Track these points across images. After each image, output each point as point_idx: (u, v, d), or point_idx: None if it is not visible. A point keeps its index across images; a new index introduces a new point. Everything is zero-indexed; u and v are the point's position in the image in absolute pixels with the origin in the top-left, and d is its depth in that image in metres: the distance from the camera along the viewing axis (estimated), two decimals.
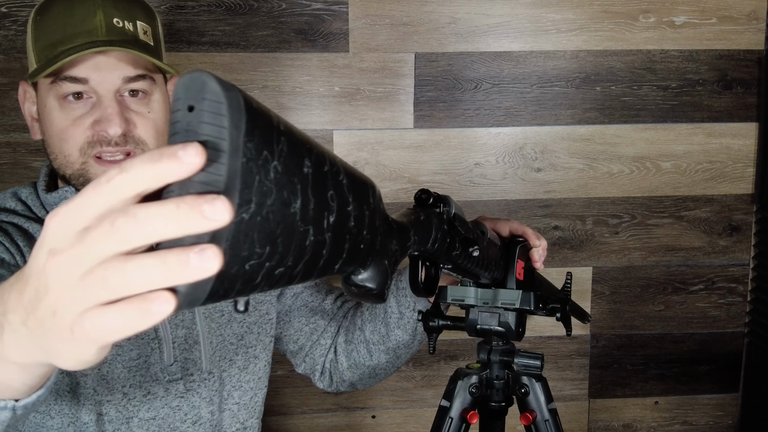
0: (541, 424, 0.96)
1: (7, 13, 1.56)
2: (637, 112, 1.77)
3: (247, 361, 1.14)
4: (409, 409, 1.83)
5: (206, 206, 0.37)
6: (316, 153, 0.47)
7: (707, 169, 1.81)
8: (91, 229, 0.39)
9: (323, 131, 1.69)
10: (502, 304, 0.92)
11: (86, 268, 0.39)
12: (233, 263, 0.42)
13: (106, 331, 0.39)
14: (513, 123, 1.74)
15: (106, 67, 0.95)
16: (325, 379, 1.22)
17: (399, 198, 1.73)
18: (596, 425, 1.90)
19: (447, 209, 0.75)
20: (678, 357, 1.89)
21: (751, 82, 1.78)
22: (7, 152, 1.61)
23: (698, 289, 1.86)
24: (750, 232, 1.85)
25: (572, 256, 1.81)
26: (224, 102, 0.41)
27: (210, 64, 1.63)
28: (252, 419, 1.17)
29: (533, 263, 0.97)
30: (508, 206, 1.77)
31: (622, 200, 1.80)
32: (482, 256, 0.83)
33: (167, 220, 0.38)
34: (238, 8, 1.62)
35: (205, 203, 0.38)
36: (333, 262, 0.51)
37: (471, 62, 1.71)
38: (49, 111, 0.98)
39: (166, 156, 0.38)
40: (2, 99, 1.59)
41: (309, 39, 1.65)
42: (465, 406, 0.97)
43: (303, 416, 1.79)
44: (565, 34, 1.72)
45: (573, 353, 1.86)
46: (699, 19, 1.74)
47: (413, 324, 1.07)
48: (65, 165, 0.99)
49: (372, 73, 1.68)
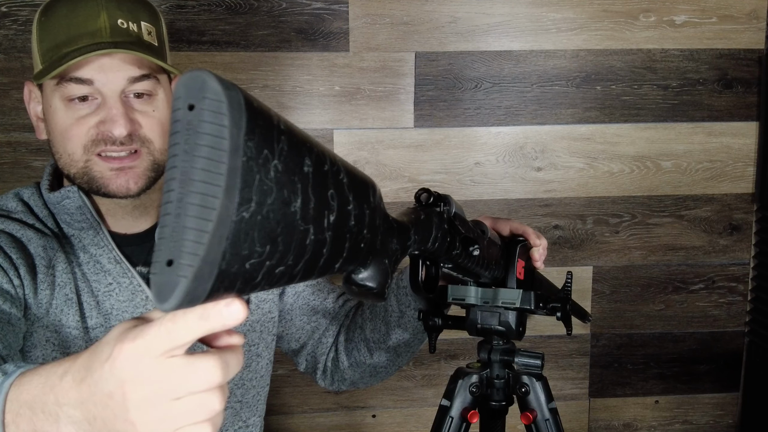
0: (542, 423, 0.96)
1: (7, 12, 1.56)
2: (638, 112, 1.77)
3: (250, 359, 1.14)
4: (409, 408, 1.83)
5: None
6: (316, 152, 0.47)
7: (708, 169, 1.81)
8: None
9: (323, 130, 1.69)
10: (502, 303, 0.92)
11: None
12: (234, 262, 0.42)
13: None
14: (513, 122, 1.74)
15: (111, 69, 0.96)
16: (326, 377, 1.22)
17: (399, 197, 1.73)
18: (597, 424, 1.90)
19: (447, 208, 0.75)
20: (678, 356, 1.89)
21: (752, 82, 1.78)
22: (7, 152, 1.61)
23: (698, 289, 1.86)
24: (750, 231, 1.85)
25: (572, 256, 1.81)
26: (225, 101, 0.41)
27: (210, 64, 1.63)
28: (254, 417, 1.17)
29: (534, 262, 0.97)
30: (508, 205, 1.77)
31: (622, 199, 1.80)
32: (482, 256, 0.83)
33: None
34: (239, 7, 1.62)
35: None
36: (333, 261, 0.51)
37: (471, 61, 1.71)
38: (54, 111, 0.98)
39: (213, 315, 0.45)
40: (2, 98, 1.59)
41: (309, 38, 1.65)
42: (465, 406, 0.97)
43: (303, 415, 1.80)
44: (566, 33, 1.72)
45: (573, 352, 1.85)
46: (699, 19, 1.74)
47: (414, 323, 1.07)
48: (69, 164, 0.99)
49: (372, 72, 1.68)
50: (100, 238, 1.04)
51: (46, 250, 1.00)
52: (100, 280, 1.02)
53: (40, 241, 1.00)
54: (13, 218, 1.02)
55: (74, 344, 0.99)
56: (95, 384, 0.49)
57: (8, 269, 0.95)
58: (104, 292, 1.02)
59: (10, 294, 0.93)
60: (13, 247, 0.97)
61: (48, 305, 0.98)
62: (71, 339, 0.99)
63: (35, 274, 0.98)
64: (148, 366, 0.46)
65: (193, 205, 0.41)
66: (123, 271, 1.04)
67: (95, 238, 1.04)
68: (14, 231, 1.00)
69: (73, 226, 1.04)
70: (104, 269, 1.03)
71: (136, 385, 0.47)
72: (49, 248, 1.01)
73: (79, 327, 1.00)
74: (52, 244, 1.01)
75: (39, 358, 0.97)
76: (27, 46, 1.57)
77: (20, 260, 0.97)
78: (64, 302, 0.99)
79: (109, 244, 1.04)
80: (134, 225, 1.07)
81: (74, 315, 0.99)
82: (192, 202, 0.41)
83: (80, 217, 1.03)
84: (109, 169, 0.98)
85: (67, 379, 0.51)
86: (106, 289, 1.02)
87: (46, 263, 0.99)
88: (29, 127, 1.27)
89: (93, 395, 0.49)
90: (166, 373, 0.46)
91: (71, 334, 0.99)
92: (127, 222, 1.07)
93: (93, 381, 0.49)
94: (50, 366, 0.54)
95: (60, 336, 0.99)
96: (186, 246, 0.41)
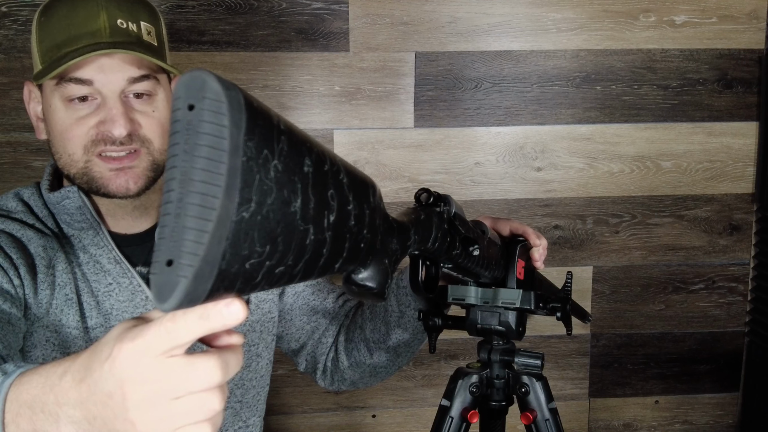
0: (542, 423, 0.96)
1: (7, 12, 1.56)
2: (638, 112, 1.77)
3: (250, 359, 1.14)
4: (409, 408, 1.83)
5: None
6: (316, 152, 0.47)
7: (707, 169, 1.81)
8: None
9: (323, 131, 1.69)
10: (502, 303, 0.92)
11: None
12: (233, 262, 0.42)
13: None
14: (513, 122, 1.74)
15: (111, 69, 0.96)
16: (326, 377, 1.22)
17: (399, 197, 1.73)
18: (596, 424, 1.90)
19: (447, 208, 0.75)
20: (678, 356, 1.89)
21: (752, 82, 1.78)
22: (7, 152, 1.61)
23: (698, 289, 1.86)
24: (750, 231, 1.85)
25: (572, 256, 1.81)
26: (224, 101, 0.41)
27: (210, 64, 1.63)
28: (254, 417, 1.17)
29: (534, 262, 0.97)
30: (508, 205, 1.77)
31: (622, 199, 1.80)
32: (482, 256, 0.83)
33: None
34: (239, 8, 1.62)
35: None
36: (333, 261, 0.51)
37: (471, 61, 1.71)
38: (54, 111, 0.99)
39: (213, 315, 0.45)
40: (2, 98, 1.59)
41: (309, 38, 1.65)
42: (465, 406, 0.97)
43: (303, 415, 1.80)
44: (566, 33, 1.72)
45: (573, 352, 1.85)
46: (699, 19, 1.74)
47: (413, 323, 1.07)
48: (69, 164, 1.00)
49: (372, 72, 1.68)
50: (100, 238, 1.04)
51: (46, 250, 1.00)
52: (100, 280, 1.02)
53: (40, 241, 1.00)
54: (13, 218, 1.02)
55: (74, 344, 0.99)
56: (95, 384, 0.49)
57: (8, 269, 0.95)
58: (104, 292, 1.02)
59: (11, 294, 0.94)
60: (14, 247, 0.97)
61: (48, 305, 0.98)
62: (71, 339, 0.99)
63: (35, 273, 0.98)
64: (148, 365, 0.46)
65: (193, 205, 0.41)
66: (123, 271, 1.04)
67: (95, 238, 1.04)
68: (14, 231, 1.00)
69: (73, 226, 1.04)
70: (104, 269, 1.03)
71: (135, 384, 0.47)
72: (49, 248, 1.01)
73: (79, 327, 1.00)
74: (52, 244, 1.01)
75: (39, 358, 0.97)
76: (27, 46, 1.57)
77: (20, 260, 0.97)
78: (64, 302, 0.99)
79: (109, 244, 1.04)
80: (134, 225, 1.07)
81: (74, 315, 0.99)
82: (192, 202, 0.41)
83: (80, 217, 1.03)
84: (109, 169, 0.98)
85: (67, 379, 0.51)
86: (105, 289, 1.03)
87: (46, 263, 0.99)
88: (29, 127, 1.27)
89: (92, 395, 0.49)
90: (166, 372, 0.46)
91: (71, 334, 0.99)
92: (127, 222, 1.07)
93: (92, 381, 0.49)
94: (50, 366, 0.54)
95: (60, 336, 0.99)
96: (186, 246, 0.41)
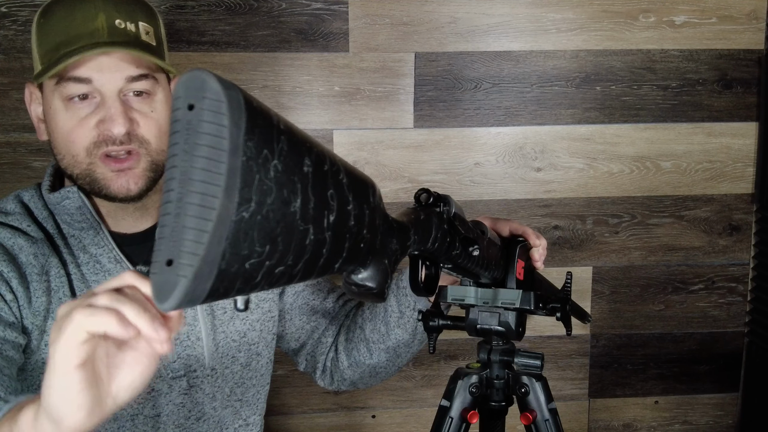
0: (541, 423, 0.96)
1: (7, 12, 1.56)
2: (637, 112, 1.77)
3: (250, 358, 1.14)
4: (409, 408, 1.83)
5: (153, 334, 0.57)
6: (316, 152, 0.47)
7: (707, 169, 1.81)
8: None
9: (323, 131, 1.69)
10: (502, 303, 0.92)
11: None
12: (233, 262, 0.42)
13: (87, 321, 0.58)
14: (513, 122, 1.74)
15: (109, 68, 0.96)
16: (326, 377, 1.22)
17: (399, 198, 1.73)
18: (596, 425, 1.90)
19: (447, 209, 0.75)
20: (678, 356, 1.88)
21: (751, 82, 1.78)
22: (7, 152, 1.61)
23: (698, 289, 1.86)
24: (750, 231, 1.85)
25: (572, 256, 1.81)
26: (224, 101, 0.41)
27: (210, 64, 1.63)
28: (254, 416, 1.17)
29: (533, 263, 0.97)
30: (508, 206, 1.77)
31: (622, 200, 1.80)
32: (482, 256, 0.83)
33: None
34: (238, 8, 1.62)
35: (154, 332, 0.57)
36: (333, 261, 0.51)
37: (471, 62, 1.71)
38: (54, 112, 0.99)
39: (148, 325, 0.56)
40: (2, 99, 1.59)
41: (309, 39, 1.65)
42: (465, 406, 0.97)
43: (303, 416, 1.79)
44: (565, 33, 1.72)
45: (573, 353, 1.85)
46: (699, 19, 1.74)
47: (413, 323, 1.07)
48: (72, 165, 1.00)
49: (372, 72, 1.68)
50: (100, 237, 1.04)
51: (37, 257, 1.00)
52: (100, 280, 1.02)
53: (31, 249, 1.01)
54: (6, 224, 1.02)
55: None
56: None
57: (1, 285, 0.96)
58: None
59: (7, 319, 0.94)
60: (4, 261, 0.97)
61: (45, 311, 0.98)
62: None
63: (28, 283, 0.98)
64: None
65: (193, 205, 0.41)
66: (123, 270, 1.04)
67: (95, 237, 1.04)
68: (5, 240, 1.00)
69: (73, 227, 1.04)
70: (104, 269, 1.03)
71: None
72: (41, 255, 1.01)
73: None
74: (43, 249, 1.01)
75: (39, 362, 0.97)
76: (27, 47, 1.57)
77: (11, 273, 0.97)
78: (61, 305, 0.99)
79: (109, 244, 1.04)
80: (135, 225, 1.07)
81: None
82: (192, 201, 0.41)
83: (80, 217, 1.03)
84: (111, 170, 0.99)
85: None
86: None
87: (38, 270, 1.00)
88: (29, 127, 1.27)
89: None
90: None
91: None
92: (127, 222, 1.07)
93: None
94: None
95: None
96: (186, 246, 0.41)
